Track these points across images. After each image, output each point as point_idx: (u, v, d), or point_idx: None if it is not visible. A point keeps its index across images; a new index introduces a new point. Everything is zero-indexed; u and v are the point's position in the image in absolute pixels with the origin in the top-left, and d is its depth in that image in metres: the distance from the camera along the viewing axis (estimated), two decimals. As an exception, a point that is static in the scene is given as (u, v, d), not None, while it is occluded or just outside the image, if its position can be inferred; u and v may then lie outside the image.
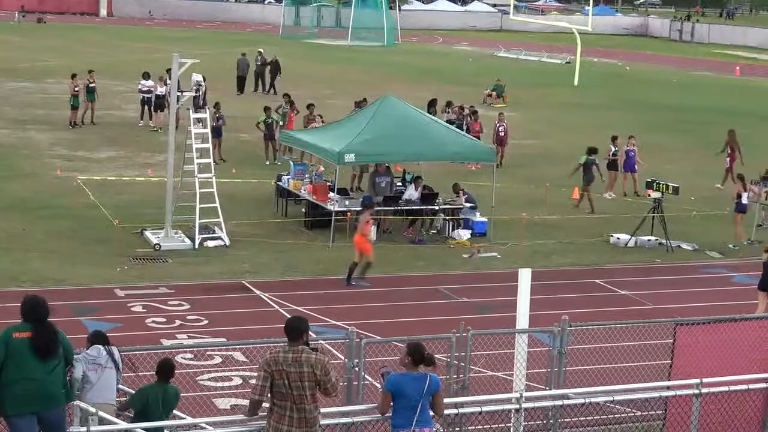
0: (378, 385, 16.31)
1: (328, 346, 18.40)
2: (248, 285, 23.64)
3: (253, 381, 11.57)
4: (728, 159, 36.81)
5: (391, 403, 11.96)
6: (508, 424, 13.62)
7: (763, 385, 14.06)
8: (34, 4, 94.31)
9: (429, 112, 37.29)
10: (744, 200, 29.46)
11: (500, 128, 38.80)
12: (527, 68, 73.74)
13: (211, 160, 27.36)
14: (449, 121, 37.27)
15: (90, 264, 24.48)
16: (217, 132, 35.17)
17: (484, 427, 13.73)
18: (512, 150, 40.06)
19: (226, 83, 51.67)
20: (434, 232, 28.97)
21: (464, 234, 28.38)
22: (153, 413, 12.64)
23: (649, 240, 28.62)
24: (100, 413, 11.58)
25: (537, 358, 15.62)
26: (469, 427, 13.94)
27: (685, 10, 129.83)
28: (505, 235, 28.62)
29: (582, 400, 13.42)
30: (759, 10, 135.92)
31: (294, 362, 11.23)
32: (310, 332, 11.63)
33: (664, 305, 23.32)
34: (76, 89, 41.70)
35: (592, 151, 33.12)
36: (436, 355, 14.47)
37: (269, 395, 11.36)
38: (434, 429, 12.24)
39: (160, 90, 41.82)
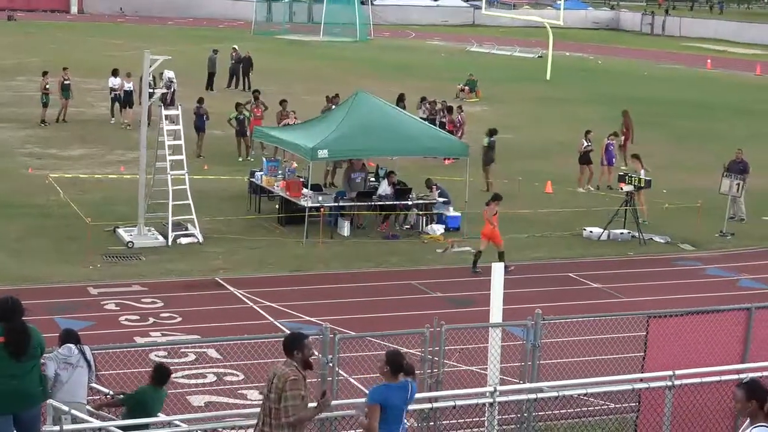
0: (353, 381, 16.36)
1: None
2: (222, 282, 23.60)
3: None
4: (623, 139, 37.73)
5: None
6: (482, 418, 13.65)
7: (735, 376, 14.13)
8: (4, 2, 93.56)
9: (398, 107, 37.42)
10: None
11: (456, 121, 38.90)
12: (500, 63, 73.81)
13: (183, 157, 27.26)
14: (423, 117, 37.34)
15: (62, 262, 24.38)
16: (197, 127, 36.74)
17: (459, 421, 13.76)
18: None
19: (199, 80, 51.48)
20: (408, 227, 28.99)
21: (438, 229, 28.42)
22: (144, 414, 12.66)
23: (622, 233, 28.73)
24: (73, 412, 11.54)
25: (511, 352, 15.66)
26: (444, 422, 13.96)
27: (655, 3, 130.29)
28: (479, 230, 28.62)
29: (556, 394, 13.46)
30: (729, 4, 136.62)
31: (275, 373, 11.12)
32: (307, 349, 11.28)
33: (636, 298, 23.43)
34: (47, 87, 41.51)
35: (492, 132, 34.58)
36: (411, 351, 14.52)
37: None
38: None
39: (128, 86, 41.79)
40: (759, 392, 9.35)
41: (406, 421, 12.12)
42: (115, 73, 42.82)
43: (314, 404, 11.30)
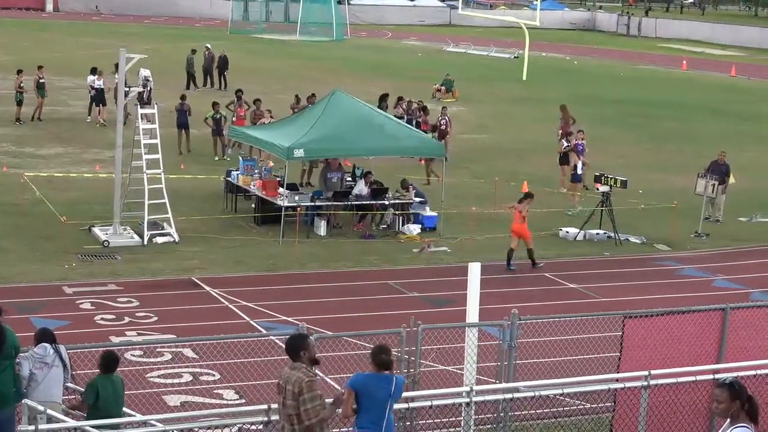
0: (330, 381, 16.34)
1: (278, 341, 18.35)
2: (198, 281, 23.54)
3: None
4: (560, 132, 38.41)
5: (354, 405, 11.54)
6: (458, 418, 13.65)
7: (710, 376, 14.18)
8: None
9: (380, 107, 37.44)
10: (578, 171, 32.31)
11: (442, 121, 38.83)
12: (476, 63, 73.91)
13: (159, 156, 27.16)
14: (398, 117, 37.32)
15: (37, 261, 24.26)
16: (180, 124, 37.40)
17: (435, 421, 13.77)
18: (462, 144, 40.15)
19: (175, 78, 51.33)
20: (384, 227, 28.99)
21: (414, 229, 28.42)
22: (105, 405, 12.59)
23: (598, 233, 28.81)
24: (48, 411, 11.49)
25: (487, 352, 15.69)
26: (420, 422, 13.97)
27: (627, 4, 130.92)
28: (455, 230, 28.70)
29: (532, 393, 13.48)
30: (706, 5, 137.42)
31: (288, 379, 11.06)
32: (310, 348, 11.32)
33: (612, 298, 23.49)
34: (22, 85, 41.32)
35: (434, 128, 36.95)
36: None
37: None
38: None
39: (98, 83, 41.66)
40: (742, 392, 9.38)
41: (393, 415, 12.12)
42: (93, 71, 42.68)
43: (330, 401, 11.37)
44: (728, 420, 9.41)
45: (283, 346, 11.33)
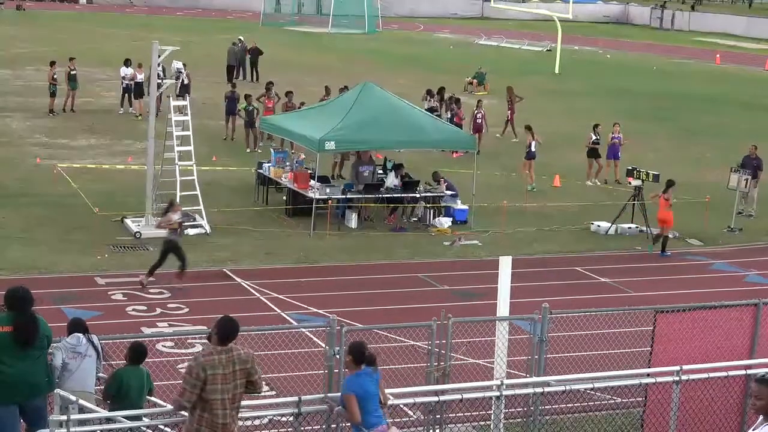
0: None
1: (308, 333, 18.42)
2: (229, 273, 23.61)
3: (183, 386, 11.24)
4: (509, 112, 41.36)
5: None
6: (488, 412, 13.65)
7: (743, 372, 14.11)
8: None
9: (433, 100, 39.18)
10: (532, 148, 33.56)
11: (478, 115, 38.83)
12: (508, 56, 73.68)
13: (191, 148, 27.25)
14: (430, 109, 37.31)
15: (70, 252, 24.40)
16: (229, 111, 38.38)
17: (465, 414, 13.76)
18: (493, 138, 40.06)
19: (207, 70, 51.44)
20: (415, 219, 28.99)
21: (445, 222, 28.41)
22: (129, 396, 12.61)
23: (630, 227, 28.71)
24: (80, 401, 11.55)
25: (518, 346, 15.66)
26: (450, 415, 13.96)
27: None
28: (486, 223, 28.65)
29: (563, 388, 13.46)
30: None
31: (228, 363, 11.24)
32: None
33: (644, 292, 23.41)
34: (55, 77, 41.51)
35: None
36: (418, 343, 14.52)
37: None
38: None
39: (140, 77, 41.78)
40: None
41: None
42: (127, 63, 42.85)
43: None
44: (761, 416, 9.31)
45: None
